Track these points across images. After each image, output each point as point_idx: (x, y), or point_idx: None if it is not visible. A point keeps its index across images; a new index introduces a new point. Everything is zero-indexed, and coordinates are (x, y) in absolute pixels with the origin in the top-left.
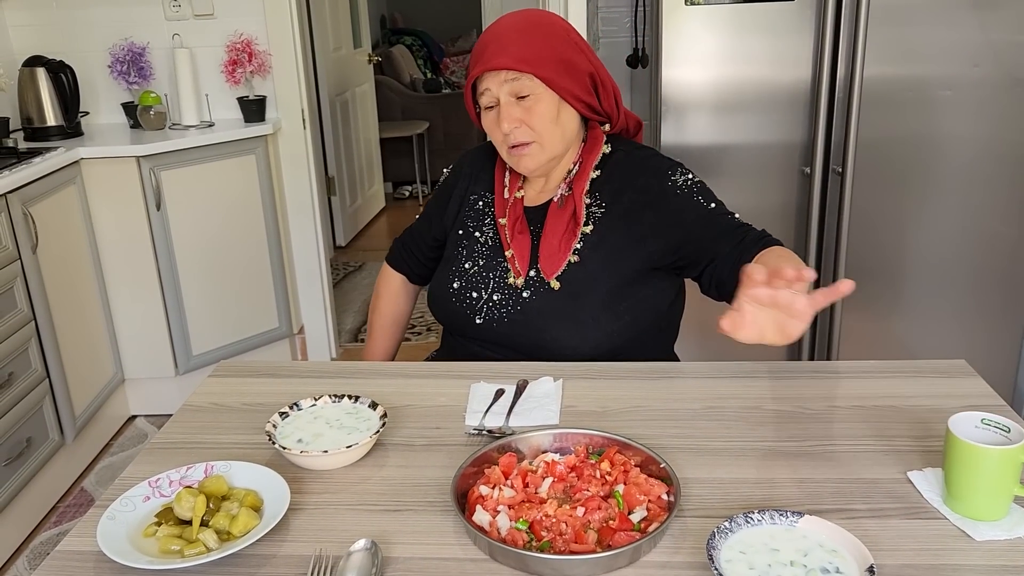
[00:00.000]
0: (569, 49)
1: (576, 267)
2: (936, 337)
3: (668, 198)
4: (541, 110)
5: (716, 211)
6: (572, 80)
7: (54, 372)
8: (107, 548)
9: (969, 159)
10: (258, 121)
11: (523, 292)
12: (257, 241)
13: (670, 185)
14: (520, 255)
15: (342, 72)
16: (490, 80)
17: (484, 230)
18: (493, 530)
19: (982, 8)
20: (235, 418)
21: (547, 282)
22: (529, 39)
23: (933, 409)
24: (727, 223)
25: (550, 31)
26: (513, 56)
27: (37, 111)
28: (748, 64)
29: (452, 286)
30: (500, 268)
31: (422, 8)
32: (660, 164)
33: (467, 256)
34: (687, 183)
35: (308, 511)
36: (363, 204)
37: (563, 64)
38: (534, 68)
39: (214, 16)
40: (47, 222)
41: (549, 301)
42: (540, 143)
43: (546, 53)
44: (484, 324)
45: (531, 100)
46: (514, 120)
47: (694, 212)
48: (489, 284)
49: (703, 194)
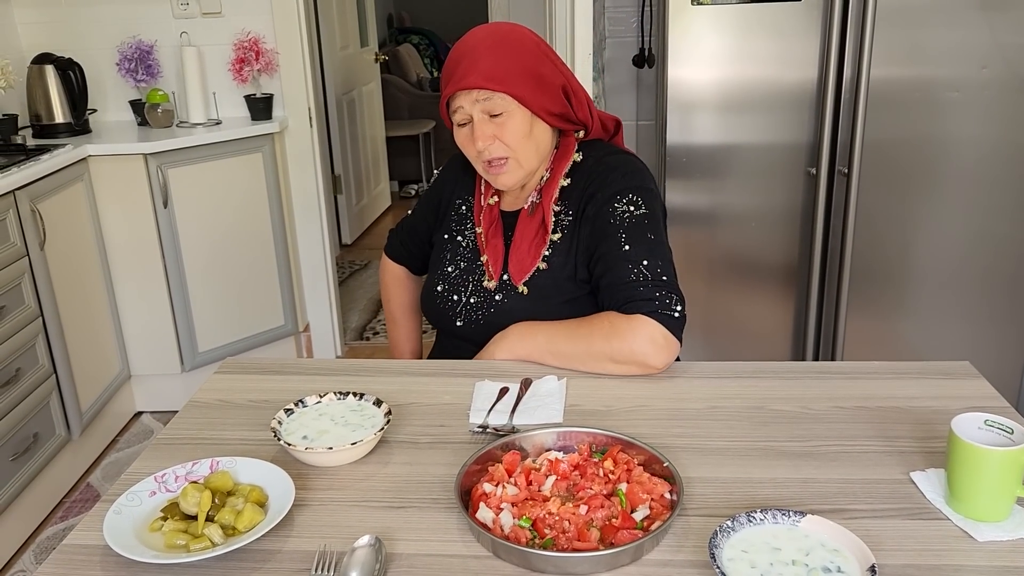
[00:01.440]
0: (540, 63)
1: (543, 273)
2: (941, 339)
3: (600, 223)
4: (513, 126)
5: (626, 255)
6: (544, 95)
7: (61, 368)
8: (113, 542)
9: (976, 161)
10: (265, 119)
11: (495, 295)
12: (263, 239)
13: (608, 211)
14: (494, 259)
15: (349, 71)
16: (462, 98)
17: (466, 234)
18: (496, 527)
19: (990, 9)
20: (240, 415)
21: (516, 287)
22: (499, 56)
23: (937, 410)
24: (620, 273)
25: (520, 47)
26: (484, 75)
27: (45, 108)
28: (754, 64)
29: (437, 288)
30: (478, 272)
31: (429, 7)
32: (615, 184)
33: (450, 260)
34: (623, 215)
35: (313, 507)
36: (369, 202)
37: (534, 79)
38: (505, 87)
39: (222, 14)
40: (55, 219)
41: (518, 304)
42: (516, 159)
43: (516, 69)
44: (464, 326)
45: (503, 117)
46: (488, 137)
47: (607, 246)
48: (468, 287)
49: (633, 231)
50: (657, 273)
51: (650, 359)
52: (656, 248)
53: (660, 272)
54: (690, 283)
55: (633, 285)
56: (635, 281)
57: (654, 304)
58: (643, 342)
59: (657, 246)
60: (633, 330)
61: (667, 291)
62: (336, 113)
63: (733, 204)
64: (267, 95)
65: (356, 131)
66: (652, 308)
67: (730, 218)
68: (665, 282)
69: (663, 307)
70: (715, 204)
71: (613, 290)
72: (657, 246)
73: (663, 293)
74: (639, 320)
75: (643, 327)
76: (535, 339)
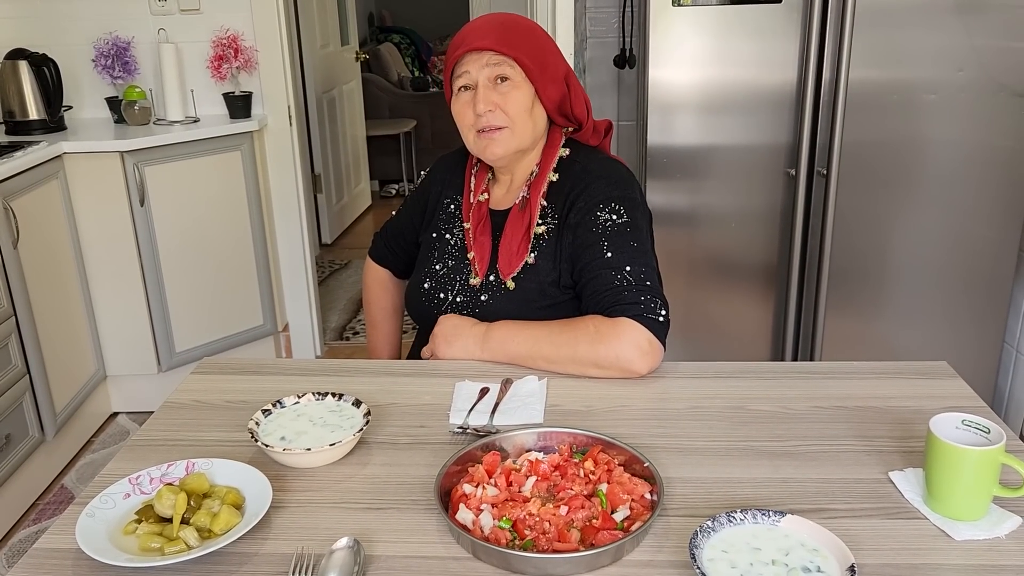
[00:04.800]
0: (547, 49)
1: (531, 269)
2: (918, 339)
3: (582, 231)
4: (517, 96)
5: (608, 262)
6: (548, 78)
7: (35, 368)
8: (86, 546)
9: (953, 162)
10: (244, 117)
11: (481, 295)
12: (242, 238)
13: (591, 219)
14: (481, 257)
15: (329, 69)
16: (471, 63)
17: (454, 232)
18: (476, 528)
19: (967, 12)
20: (217, 415)
21: (503, 283)
22: (512, 30)
23: (914, 410)
24: (603, 279)
25: (532, 30)
26: (497, 39)
27: (19, 104)
28: (734, 66)
29: (423, 286)
30: (466, 270)
31: (411, 6)
32: (598, 193)
33: (438, 258)
34: (606, 223)
35: (290, 509)
36: (349, 202)
37: (541, 60)
38: (517, 52)
39: (200, 11)
40: (29, 217)
41: (503, 303)
42: (512, 129)
43: (527, 46)
44: None
45: (509, 85)
46: (490, 103)
47: (590, 255)
48: (455, 285)
49: (615, 239)
50: (640, 279)
51: (634, 364)
52: (638, 255)
53: (644, 278)
54: (670, 283)
55: (617, 290)
56: (619, 287)
57: (639, 308)
58: (628, 347)
59: (640, 254)
60: (618, 335)
61: (651, 295)
62: (316, 112)
63: (713, 204)
64: (246, 93)
65: (336, 130)
66: (637, 312)
67: (710, 218)
68: (649, 287)
69: (648, 311)
70: (695, 204)
71: (598, 297)
72: (640, 254)
73: (647, 297)
74: (624, 324)
75: (628, 332)
76: (517, 343)
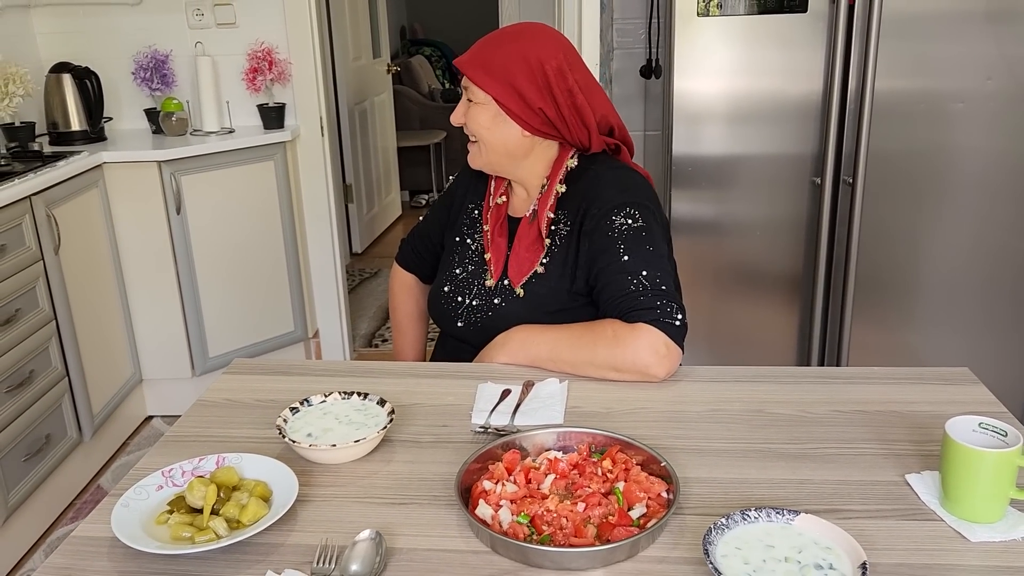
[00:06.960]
0: (527, 80)
1: (540, 278)
2: (945, 348)
3: (598, 236)
4: (476, 115)
5: (624, 266)
6: (521, 108)
7: (73, 371)
8: (121, 534)
9: (980, 172)
10: (277, 128)
11: (494, 299)
12: (274, 246)
13: (606, 224)
14: (496, 259)
15: (361, 81)
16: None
17: (476, 237)
18: (495, 523)
19: (996, 21)
20: (247, 413)
21: (514, 290)
22: (495, 52)
23: (934, 415)
24: (619, 284)
25: (518, 55)
26: (471, 63)
27: (62, 116)
28: (760, 75)
29: (444, 289)
30: (484, 274)
31: (442, 19)
32: (612, 199)
33: (459, 262)
34: (621, 227)
35: (315, 503)
36: (380, 212)
37: (513, 91)
38: (482, 83)
39: (236, 25)
40: (70, 224)
41: (514, 309)
42: (479, 144)
43: (501, 73)
44: (463, 327)
45: (474, 104)
46: (459, 116)
47: (606, 259)
48: (472, 289)
49: (631, 243)
50: (656, 283)
51: (652, 368)
52: (654, 259)
53: (660, 282)
54: (696, 292)
55: (633, 295)
56: (635, 291)
57: (655, 312)
58: (646, 352)
59: (656, 258)
60: (636, 339)
61: (667, 300)
62: (348, 123)
63: (738, 214)
64: (279, 104)
65: (367, 141)
66: (654, 316)
67: (736, 228)
68: (664, 291)
69: (664, 315)
70: (721, 214)
71: (614, 302)
72: (656, 258)
73: (664, 302)
74: (641, 329)
75: (645, 336)
76: (538, 346)
